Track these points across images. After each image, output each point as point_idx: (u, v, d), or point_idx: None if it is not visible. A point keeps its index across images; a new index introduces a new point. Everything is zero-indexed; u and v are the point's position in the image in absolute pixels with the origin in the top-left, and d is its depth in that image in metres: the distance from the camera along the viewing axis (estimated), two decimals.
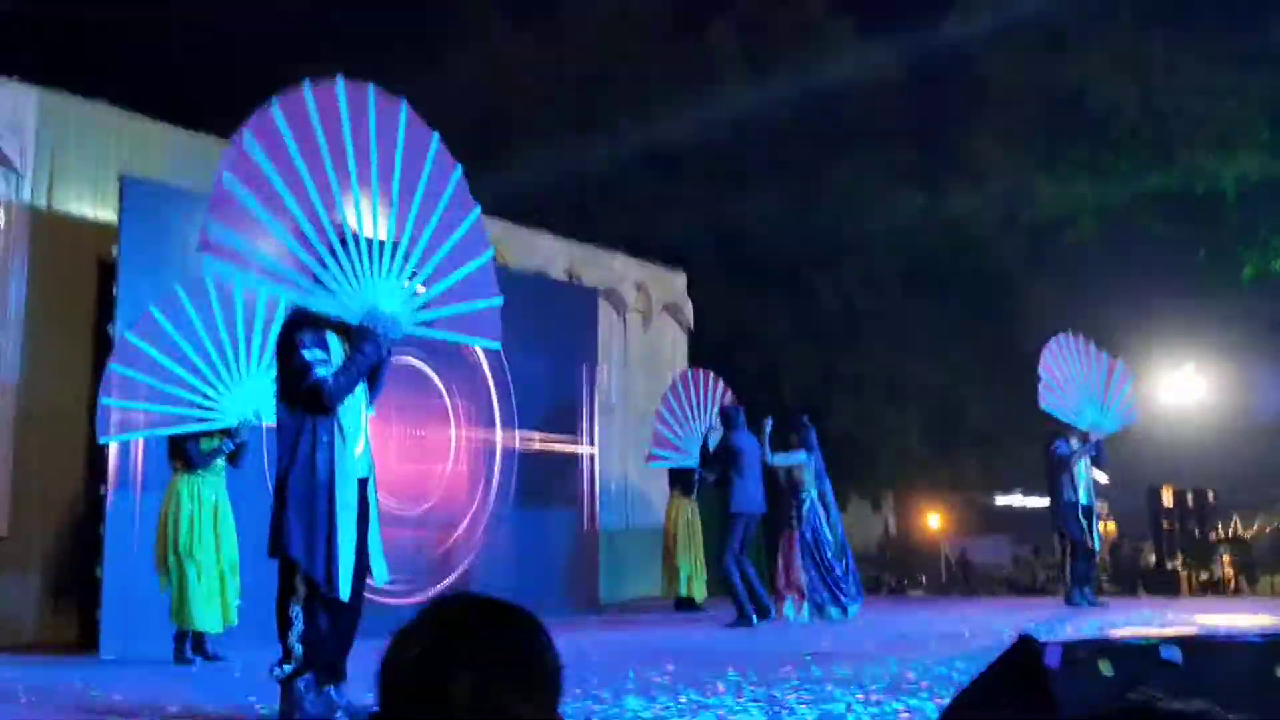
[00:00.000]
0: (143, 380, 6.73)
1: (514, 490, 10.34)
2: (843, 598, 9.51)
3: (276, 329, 5.09)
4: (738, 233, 18.20)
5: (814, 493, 9.65)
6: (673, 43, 19.92)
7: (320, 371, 4.66)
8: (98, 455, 7.77)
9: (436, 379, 9.74)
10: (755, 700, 5.01)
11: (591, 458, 11.31)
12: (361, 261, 4.80)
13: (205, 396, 6.79)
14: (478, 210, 5.29)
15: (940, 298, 17.94)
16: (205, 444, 7.02)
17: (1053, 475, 10.27)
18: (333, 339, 4.80)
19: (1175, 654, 2.74)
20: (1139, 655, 2.77)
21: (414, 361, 9.52)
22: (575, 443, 11.13)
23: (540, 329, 10.73)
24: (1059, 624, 8.43)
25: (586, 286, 12.24)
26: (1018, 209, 15.79)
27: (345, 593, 4.69)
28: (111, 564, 7.45)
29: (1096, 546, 10.35)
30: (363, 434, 4.91)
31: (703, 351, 15.93)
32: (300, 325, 4.76)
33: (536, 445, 10.63)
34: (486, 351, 10.09)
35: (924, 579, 19.66)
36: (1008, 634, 7.82)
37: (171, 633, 6.95)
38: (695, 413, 11.13)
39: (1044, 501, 11.04)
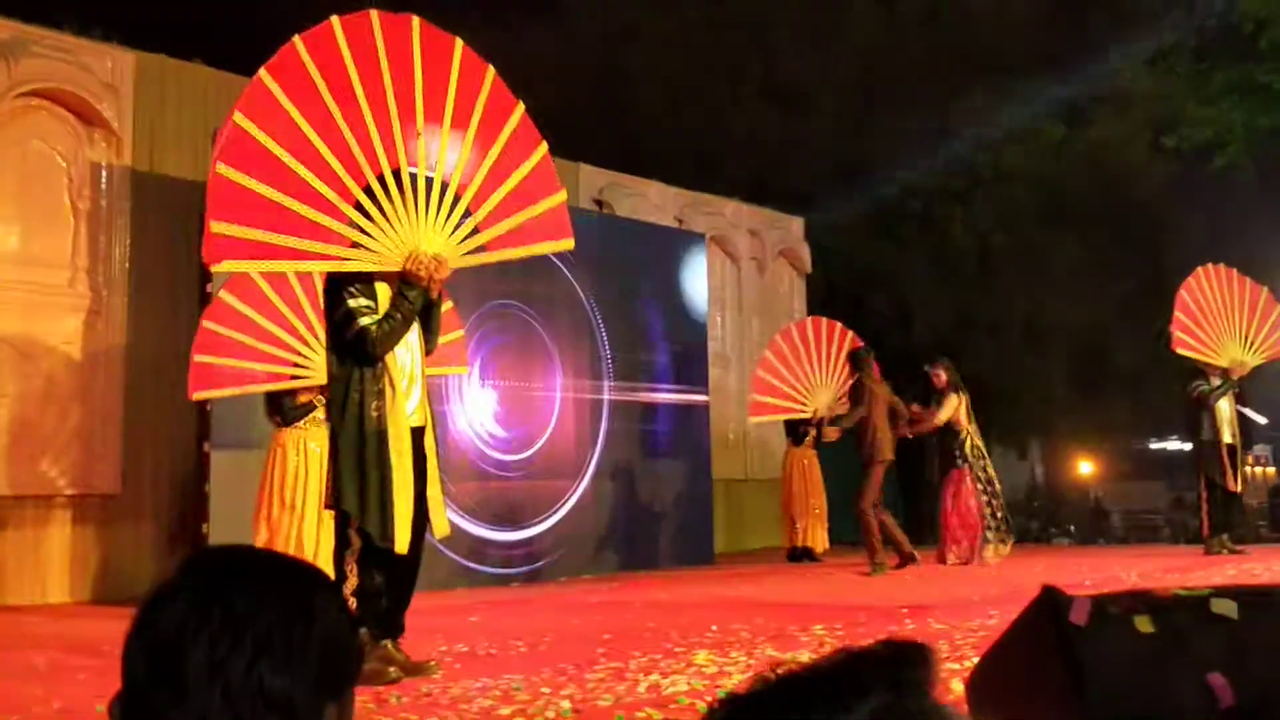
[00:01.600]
0: (238, 338, 6.73)
1: (625, 440, 10.17)
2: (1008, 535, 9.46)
3: None
4: (866, 170, 17.61)
5: (973, 428, 9.51)
6: None
7: (364, 320, 4.54)
8: (204, 413, 7.88)
9: (541, 328, 9.61)
10: None
11: (705, 407, 11.06)
12: (402, 203, 4.62)
13: (299, 354, 6.78)
14: (520, 108, 5.01)
15: (1083, 232, 17.03)
16: (302, 398, 7.01)
17: (1192, 415, 9.72)
18: (381, 286, 4.66)
19: (1229, 607, 2.37)
20: (1185, 609, 2.41)
21: (517, 311, 9.41)
22: (688, 392, 10.89)
23: (648, 276, 10.52)
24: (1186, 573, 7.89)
25: (694, 232, 11.94)
26: (1163, 135, 14.81)
27: (403, 545, 4.56)
28: (217, 520, 7.56)
29: (1238, 488, 9.71)
30: (417, 384, 4.77)
31: (829, 295, 15.49)
32: (343, 277, 4.64)
33: (647, 395, 10.43)
34: (590, 298, 9.92)
35: (1072, 527, 18.93)
36: (1134, 583, 7.35)
37: None
38: (814, 363, 10.70)
39: None
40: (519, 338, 9.45)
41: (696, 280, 11.27)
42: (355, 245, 4.56)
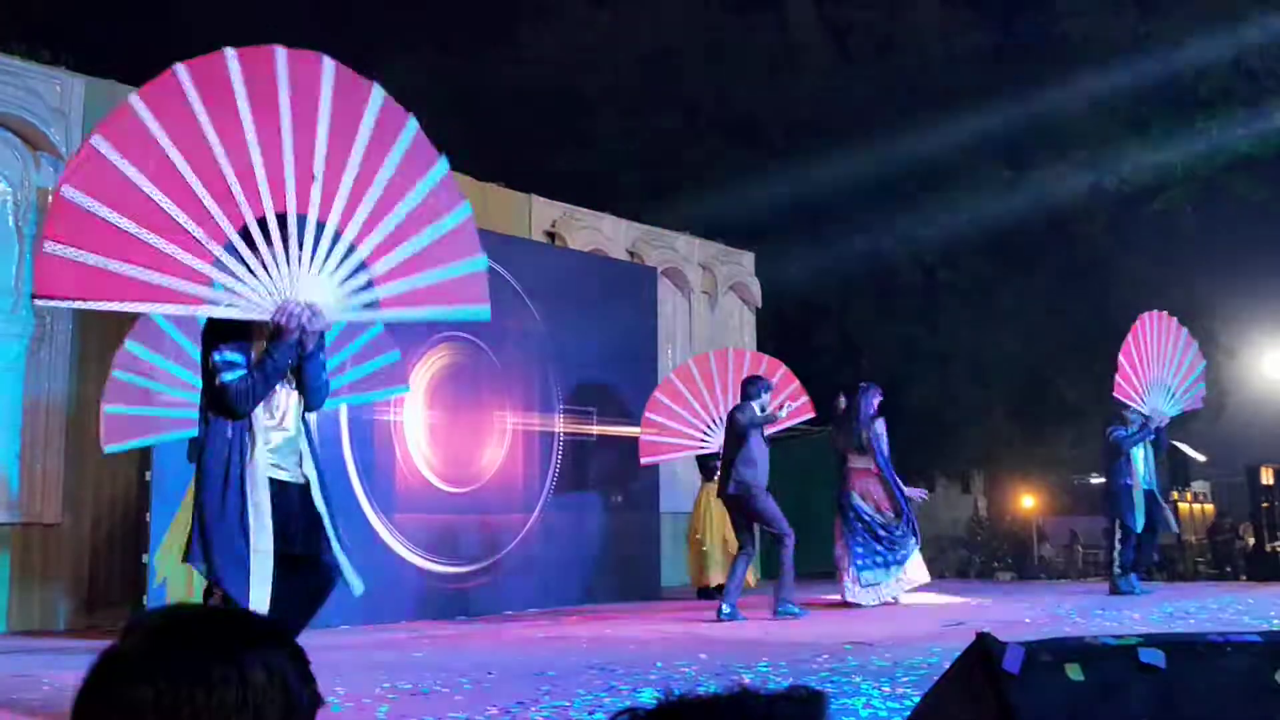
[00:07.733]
0: (146, 386, 6.63)
1: (573, 473, 10.17)
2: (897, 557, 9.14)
3: None
4: (816, 207, 17.83)
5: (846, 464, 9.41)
6: (751, 13, 19.58)
7: (227, 376, 4.26)
8: None
9: (490, 361, 9.60)
10: None
11: None
12: (284, 249, 4.33)
13: None
14: (443, 164, 4.68)
15: (1027, 271, 17.35)
16: None
17: (1108, 459, 9.82)
18: (258, 345, 4.37)
19: (1157, 657, 2.44)
20: (1114, 658, 2.47)
21: (466, 342, 9.40)
22: (637, 425, 10.90)
23: (599, 309, 10.56)
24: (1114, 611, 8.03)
25: (646, 265, 12.02)
26: (1106, 177, 15.14)
27: (258, 604, 4.34)
28: (157, 551, 7.48)
29: (1174, 529, 9.88)
30: (288, 438, 4.48)
31: (778, 330, 15.63)
32: (216, 329, 4.40)
33: (596, 428, 10.44)
34: (541, 330, 9.95)
35: (1012, 560, 19.15)
36: (1072, 620, 7.46)
37: None
38: (717, 395, 10.06)
39: None
40: (468, 370, 9.44)
41: (648, 314, 11.33)
42: (221, 289, 4.27)
